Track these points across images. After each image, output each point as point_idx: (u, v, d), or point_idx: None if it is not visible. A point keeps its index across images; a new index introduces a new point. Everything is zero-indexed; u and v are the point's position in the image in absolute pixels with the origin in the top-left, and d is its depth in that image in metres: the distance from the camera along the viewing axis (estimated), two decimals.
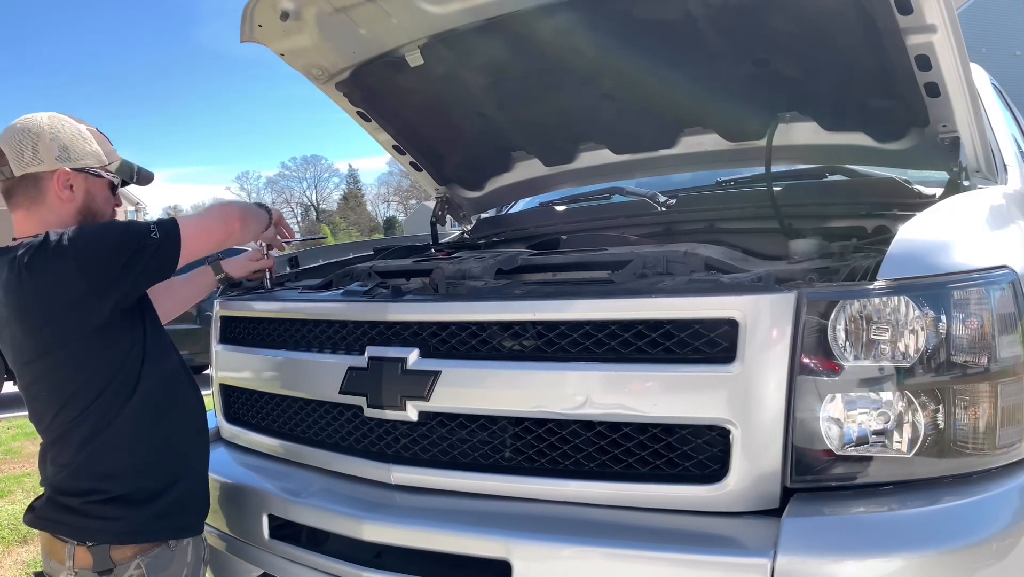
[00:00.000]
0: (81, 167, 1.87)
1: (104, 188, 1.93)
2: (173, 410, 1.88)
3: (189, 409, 1.94)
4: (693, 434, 1.57)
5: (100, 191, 1.92)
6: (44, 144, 1.82)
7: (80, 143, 1.88)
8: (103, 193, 1.93)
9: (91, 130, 1.93)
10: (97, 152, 1.91)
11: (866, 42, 2.02)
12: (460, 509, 1.75)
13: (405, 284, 2.15)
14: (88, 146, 1.90)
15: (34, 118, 1.86)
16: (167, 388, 1.87)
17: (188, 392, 1.95)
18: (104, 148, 1.93)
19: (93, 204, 1.90)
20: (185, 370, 1.95)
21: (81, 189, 1.87)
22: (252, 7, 2.41)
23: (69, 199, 1.86)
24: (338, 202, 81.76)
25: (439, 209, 3.28)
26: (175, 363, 1.93)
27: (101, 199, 1.93)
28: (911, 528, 1.40)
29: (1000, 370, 1.48)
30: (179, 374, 1.93)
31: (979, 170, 2.15)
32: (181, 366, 1.94)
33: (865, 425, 1.48)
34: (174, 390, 1.90)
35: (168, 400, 1.87)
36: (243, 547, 2.11)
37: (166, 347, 1.92)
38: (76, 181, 1.86)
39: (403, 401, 1.82)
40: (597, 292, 1.69)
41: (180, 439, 1.90)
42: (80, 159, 1.87)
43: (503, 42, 2.49)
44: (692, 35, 2.25)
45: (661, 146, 2.77)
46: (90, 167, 1.89)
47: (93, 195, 1.90)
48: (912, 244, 1.54)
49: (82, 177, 1.87)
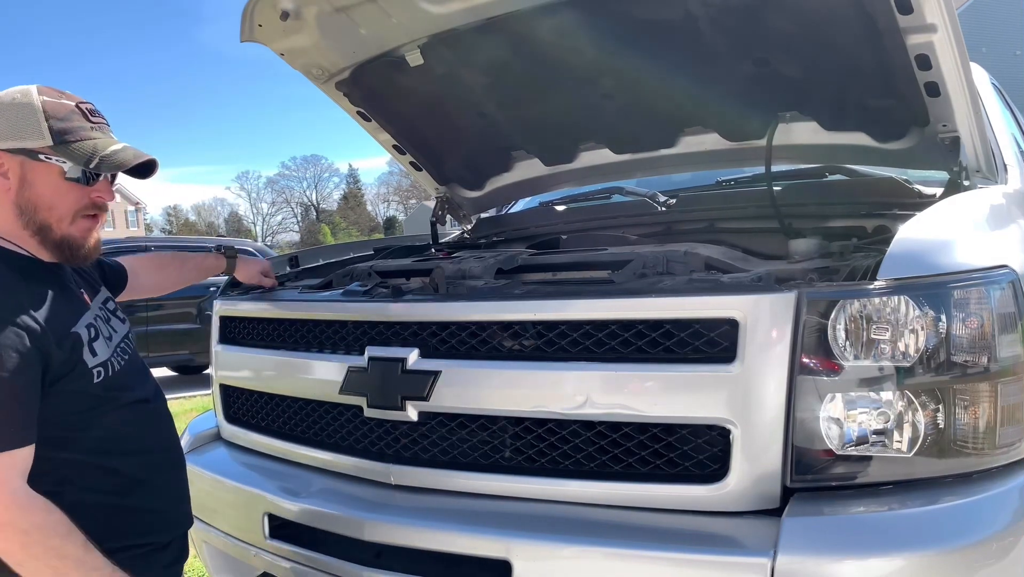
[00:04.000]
0: (13, 148, 1.51)
1: (50, 177, 1.54)
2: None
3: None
4: (693, 434, 1.57)
5: (43, 181, 1.54)
6: None
7: (20, 118, 1.51)
8: (48, 184, 1.54)
9: (58, 104, 1.56)
10: (39, 129, 1.51)
11: (866, 42, 2.02)
12: (460, 509, 1.75)
13: (405, 284, 2.15)
14: (29, 122, 1.51)
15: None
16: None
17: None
18: (60, 126, 1.54)
19: (32, 196, 1.54)
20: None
21: (16, 176, 1.53)
22: (252, 7, 2.41)
23: (4, 188, 1.53)
24: (338, 202, 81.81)
25: (439, 209, 3.28)
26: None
27: (47, 192, 1.54)
28: (911, 528, 1.40)
29: (1000, 370, 1.49)
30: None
31: (979, 170, 2.15)
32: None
33: (865, 425, 1.48)
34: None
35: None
36: (243, 547, 2.11)
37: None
38: (10, 165, 1.52)
39: (403, 401, 1.82)
40: (597, 292, 1.69)
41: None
42: (11, 138, 1.51)
43: (503, 42, 2.49)
44: (692, 35, 2.25)
45: (661, 146, 2.77)
46: (26, 148, 1.52)
47: (31, 184, 1.53)
48: (912, 244, 1.54)
49: (17, 161, 1.52)
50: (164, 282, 2.29)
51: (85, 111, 1.60)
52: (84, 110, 1.60)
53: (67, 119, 1.56)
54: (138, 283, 2.13)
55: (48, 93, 1.57)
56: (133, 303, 7.65)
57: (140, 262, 2.22)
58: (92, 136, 1.58)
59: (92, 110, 1.63)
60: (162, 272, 2.29)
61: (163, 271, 2.30)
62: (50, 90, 1.58)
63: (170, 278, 2.30)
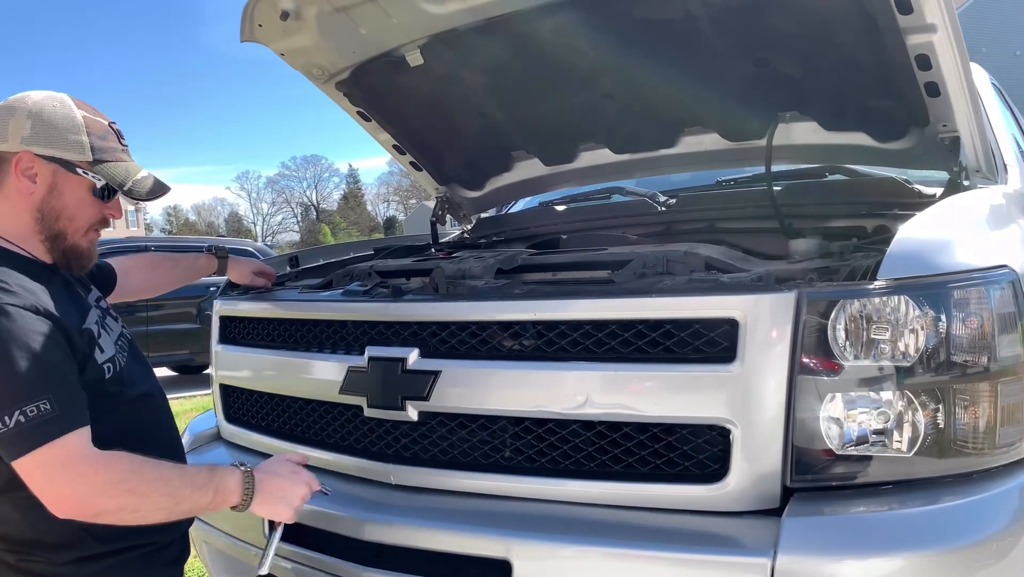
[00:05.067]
0: (52, 156, 1.56)
1: (79, 190, 1.61)
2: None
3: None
4: (693, 434, 1.57)
5: (72, 192, 1.60)
6: (17, 120, 1.55)
7: (63, 129, 1.57)
8: (76, 196, 1.61)
9: (96, 122, 1.63)
10: (81, 144, 1.58)
11: (866, 42, 2.02)
12: (460, 509, 1.75)
13: (405, 284, 2.15)
14: (71, 135, 1.57)
15: (31, 94, 1.60)
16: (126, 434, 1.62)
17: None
18: (99, 144, 1.61)
19: (58, 205, 1.60)
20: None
21: (46, 183, 1.58)
22: (252, 7, 2.40)
23: (28, 191, 1.57)
24: (338, 202, 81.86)
25: (439, 209, 3.28)
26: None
27: (72, 203, 1.61)
28: (911, 528, 1.40)
29: (1000, 369, 1.48)
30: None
31: (979, 170, 2.15)
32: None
33: (865, 425, 1.48)
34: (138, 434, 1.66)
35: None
36: (243, 547, 2.11)
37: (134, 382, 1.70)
38: (42, 171, 1.57)
39: (403, 401, 1.82)
40: (597, 292, 1.69)
41: None
42: (52, 146, 1.56)
43: (503, 42, 2.49)
44: (692, 35, 2.25)
45: (661, 146, 2.76)
46: (64, 159, 1.57)
47: (60, 193, 1.59)
48: (912, 244, 1.54)
49: (51, 169, 1.57)
50: (155, 283, 2.29)
51: (117, 132, 1.68)
52: (116, 131, 1.68)
53: (104, 138, 1.63)
54: (129, 284, 2.13)
55: (84, 108, 1.63)
56: (133, 303, 7.66)
57: (131, 263, 2.22)
58: (124, 159, 1.67)
59: (120, 132, 1.70)
60: (153, 273, 2.29)
61: (154, 272, 2.30)
62: (84, 105, 1.64)
63: (161, 279, 2.30)
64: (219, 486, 1.55)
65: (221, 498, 1.55)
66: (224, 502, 1.56)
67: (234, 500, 1.57)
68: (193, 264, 2.37)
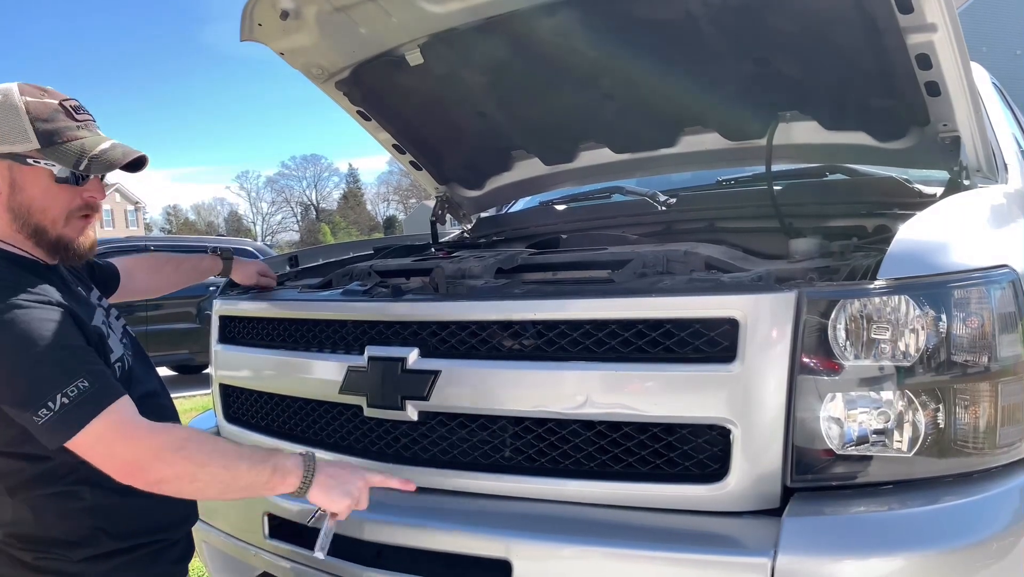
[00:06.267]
0: (2, 153, 1.48)
1: (40, 180, 1.51)
2: None
3: None
4: (693, 434, 1.57)
5: (33, 184, 1.51)
6: None
7: (5, 122, 1.47)
8: (39, 187, 1.52)
9: (42, 105, 1.51)
10: (24, 131, 1.47)
11: (866, 41, 2.01)
12: (460, 509, 1.75)
13: (405, 283, 2.15)
14: (13, 125, 1.47)
15: None
16: None
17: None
18: (45, 127, 1.49)
19: (25, 200, 1.52)
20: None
21: (5, 181, 1.50)
22: (252, 6, 2.40)
23: None
24: (338, 201, 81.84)
25: (439, 208, 3.28)
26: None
27: (38, 194, 1.52)
28: (911, 528, 1.40)
29: (1000, 369, 1.48)
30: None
31: (980, 169, 2.15)
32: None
33: (865, 424, 1.48)
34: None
35: None
36: (243, 547, 2.11)
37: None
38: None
39: (403, 401, 1.82)
40: (597, 291, 1.69)
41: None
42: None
43: (503, 41, 2.49)
44: (692, 34, 2.25)
45: (661, 145, 2.76)
46: (11, 152, 1.48)
47: (22, 188, 1.51)
48: (912, 243, 1.54)
49: (5, 165, 1.49)
50: (159, 283, 2.28)
51: (69, 108, 1.56)
52: (68, 108, 1.55)
53: (52, 119, 1.51)
54: (132, 284, 2.12)
55: (30, 92, 1.52)
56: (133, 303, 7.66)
57: (135, 263, 2.21)
58: (79, 135, 1.54)
59: (76, 107, 1.58)
60: (157, 273, 2.28)
61: (158, 272, 2.29)
62: (32, 88, 1.54)
63: (165, 280, 2.29)
64: (278, 465, 1.52)
65: (280, 478, 1.52)
66: (282, 483, 1.53)
67: (293, 482, 1.53)
68: (197, 265, 2.36)
